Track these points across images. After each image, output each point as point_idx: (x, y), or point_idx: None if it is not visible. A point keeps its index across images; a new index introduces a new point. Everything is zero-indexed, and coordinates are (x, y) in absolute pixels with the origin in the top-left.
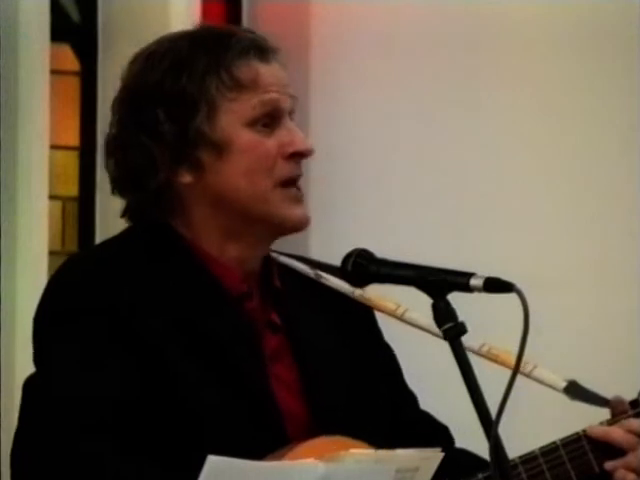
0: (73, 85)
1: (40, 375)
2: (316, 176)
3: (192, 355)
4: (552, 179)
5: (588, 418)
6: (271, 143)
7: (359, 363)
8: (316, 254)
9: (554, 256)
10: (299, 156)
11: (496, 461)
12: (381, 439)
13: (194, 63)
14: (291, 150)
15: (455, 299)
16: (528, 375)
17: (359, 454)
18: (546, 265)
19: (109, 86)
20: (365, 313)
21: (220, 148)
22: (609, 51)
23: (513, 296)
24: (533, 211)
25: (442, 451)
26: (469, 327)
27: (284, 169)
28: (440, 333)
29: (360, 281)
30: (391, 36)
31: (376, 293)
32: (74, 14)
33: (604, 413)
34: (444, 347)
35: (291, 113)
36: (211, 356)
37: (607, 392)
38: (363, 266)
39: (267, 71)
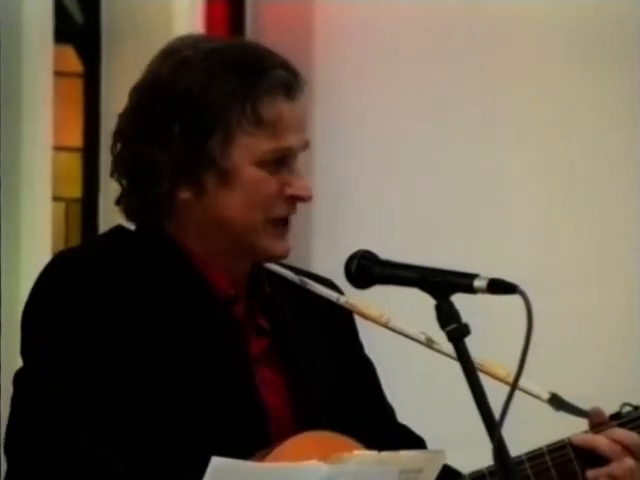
0: (76, 86)
1: (28, 367)
2: (319, 177)
3: (178, 354)
4: (555, 181)
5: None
6: (274, 182)
7: (342, 370)
8: (319, 255)
9: (556, 258)
10: (297, 200)
11: (500, 461)
12: (364, 442)
13: (222, 86)
14: (291, 192)
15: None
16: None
17: (362, 455)
18: (548, 267)
19: (112, 87)
20: (348, 323)
21: (226, 177)
22: (612, 52)
23: (515, 297)
24: (536, 213)
25: None
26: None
27: (280, 209)
28: (423, 339)
29: (364, 282)
30: (394, 37)
31: (360, 300)
32: (77, 15)
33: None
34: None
35: (304, 147)
36: (197, 356)
37: (608, 392)
38: (367, 267)
39: (291, 112)
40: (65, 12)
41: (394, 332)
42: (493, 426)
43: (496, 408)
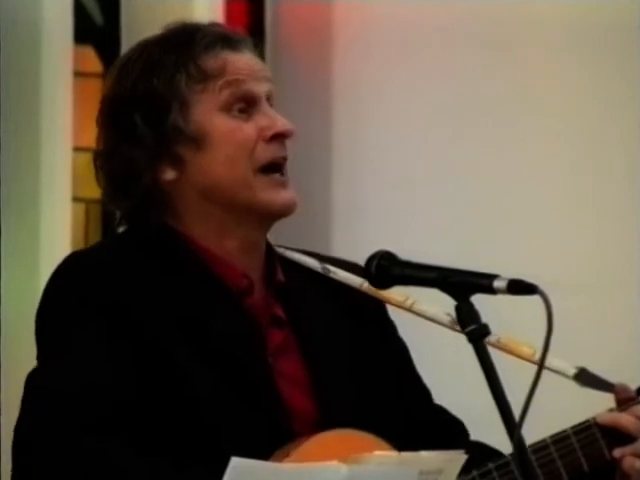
0: (96, 87)
1: (41, 369)
2: (339, 178)
3: (193, 352)
4: (569, 183)
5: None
6: (249, 128)
7: (369, 357)
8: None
9: (570, 259)
10: (280, 137)
11: (520, 465)
12: (390, 434)
13: (163, 64)
14: (271, 133)
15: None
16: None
17: (382, 456)
18: (563, 268)
19: None
20: (376, 306)
21: (198, 141)
22: (614, 52)
23: (530, 298)
24: (552, 215)
25: (458, 444)
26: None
27: (266, 152)
28: (448, 322)
29: (383, 283)
30: (414, 37)
31: None
32: (97, 16)
33: (609, 401)
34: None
35: (269, 98)
36: (212, 353)
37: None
38: (386, 268)
39: (237, 59)
40: (85, 12)
41: (418, 316)
42: (513, 426)
43: (513, 389)
